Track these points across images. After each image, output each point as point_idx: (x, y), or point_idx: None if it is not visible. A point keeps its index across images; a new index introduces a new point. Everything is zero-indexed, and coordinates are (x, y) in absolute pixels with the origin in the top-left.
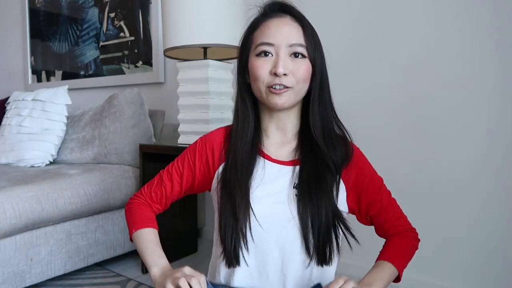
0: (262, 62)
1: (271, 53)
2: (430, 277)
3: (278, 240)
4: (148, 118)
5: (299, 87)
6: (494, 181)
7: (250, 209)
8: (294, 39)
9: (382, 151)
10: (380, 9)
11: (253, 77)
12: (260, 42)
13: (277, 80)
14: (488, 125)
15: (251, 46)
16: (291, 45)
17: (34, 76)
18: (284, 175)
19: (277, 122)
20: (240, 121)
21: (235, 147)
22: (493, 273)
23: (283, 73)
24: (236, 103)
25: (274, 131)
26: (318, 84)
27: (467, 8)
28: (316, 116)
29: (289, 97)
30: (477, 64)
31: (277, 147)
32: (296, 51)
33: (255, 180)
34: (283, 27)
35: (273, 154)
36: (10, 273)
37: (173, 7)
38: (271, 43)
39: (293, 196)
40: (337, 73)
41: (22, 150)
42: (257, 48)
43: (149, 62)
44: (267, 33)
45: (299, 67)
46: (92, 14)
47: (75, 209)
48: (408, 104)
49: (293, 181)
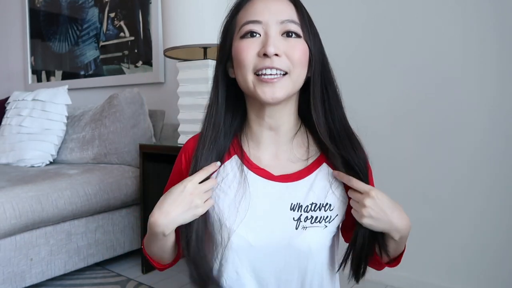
0: (248, 44)
1: (258, 33)
2: (430, 277)
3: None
4: (148, 118)
5: (297, 73)
6: (494, 181)
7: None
8: (286, 15)
9: (383, 151)
10: (383, 16)
11: (237, 63)
12: (245, 21)
13: (267, 62)
14: (489, 126)
15: (235, 29)
16: (282, 22)
17: (34, 76)
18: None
19: (269, 121)
20: (206, 122)
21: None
22: (494, 273)
23: (274, 53)
24: (208, 102)
25: (265, 133)
26: (318, 73)
27: (471, 13)
28: (318, 111)
29: (284, 85)
30: (480, 67)
31: (270, 156)
32: (289, 29)
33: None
34: (271, 3)
35: (266, 165)
36: (10, 273)
37: (173, 7)
38: (258, 20)
39: (291, 220)
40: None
41: (22, 150)
42: (242, 29)
43: (149, 62)
44: (253, 11)
45: (293, 47)
46: (92, 14)
47: (75, 209)
48: (411, 106)
49: (290, 202)
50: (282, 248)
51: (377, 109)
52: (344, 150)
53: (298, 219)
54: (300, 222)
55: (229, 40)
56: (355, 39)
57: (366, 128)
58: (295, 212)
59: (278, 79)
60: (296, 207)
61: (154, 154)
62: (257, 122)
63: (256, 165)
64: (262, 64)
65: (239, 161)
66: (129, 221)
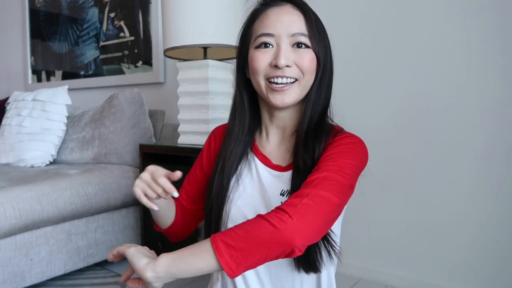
0: (262, 54)
1: (271, 45)
2: (430, 277)
3: None
4: (148, 118)
5: (306, 79)
6: (496, 183)
7: (230, 218)
8: (296, 28)
9: (383, 151)
10: (384, 17)
11: (252, 70)
12: (260, 33)
13: (278, 72)
14: (493, 129)
15: (251, 38)
16: (293, 35)
17: (34, 76)
18: (273, 179)
19: (277, 121)
20: (237, 121)
21: (225, 150)
22: (494, 273)
23: (285, 65)
24: (233, 101)
25: (273, 129)
26: (319, 79)
27: (473, 14)
28: (307, 114)
29: (293, 91)
30: (482, 70)
31: (274, 148)
32: (299, 41)
33: (243, 180)
34: (283, 15)
35: (269, 155)
36: (10, 273)
37: (173, 7)
38: (271, 34)
39: (279, 203)
40: (340, 77)
41: (22, 150)
42: (257, 40)
43: (149, 62)
44: (267, 23)
45: (303, 57)
46: (92, 14)
47: (75, 209)
48: (413, 108)
49: (281, 188)
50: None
51: (379, 111)
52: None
53: None
54: None
55: (245, 47)
56: (355, 40)
57: (368, 130)
58: (284, 197)
59: (288, 86)
60: (285, 193)
61: (154, 154)
62: (268, 119)
63: (260, 152)
64: (273, 73)
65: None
66: (129, 221)
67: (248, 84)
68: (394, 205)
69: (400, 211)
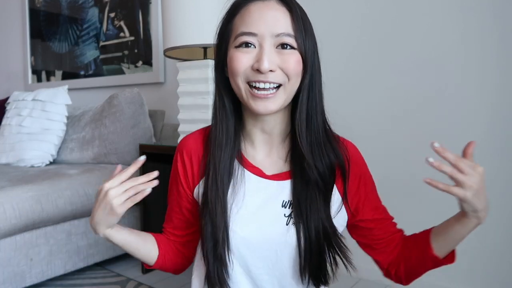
0: (242, 54)
1: (253, 45)
2: (430, 277)
3: (266, 265)
4: (148, 118)
5: (292, 84)
6: (494, 181)
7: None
8: (281, 27)
9: (382, 151)
10: (381, 16)
11: (231, 72)
12: (241, 31)
13: (261, 77)
14: (489, 126)
15: (230, 35)
16: (278, 35)
17: (34, 76)
18: (271, 191)
19: (262, 125)
20: (219, 126)
21: (214, 159)
22: (494, 273)
23: (269, 69)
24: (214, 104)
25: (258, 134)
26: (308, 81)
27: (471, 13)
28: (302, 119)
29: (277, 98)
30: (480, 68)
31: (264, 157)
32: (284, 42)
33: (238, 196)
34: (267, 12)
35: (261, 165)
36: (10, 273)
37: (173, 7)
38: (253, 33)
39: (282, 216)
40: (341, 77)
41: (22, 150)
42: (237, 39)
43: (149, 62)
44: (248, 20)
45: (288, 60)
46: (92, 14)
47: (75, 209)
48: (410, 106)
49: (282, 199)
50: (274, 244)
51: (376, 110)
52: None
53: (289, 216)
54: (291, 218)
55: (224, 45)
56: (353, 39)
57: (365, 129)
58: (286, 209)
59: (272, 94)
60: (287, 204)
61: (154, 154)
62: (252, 123)
63: (250, 163)
64: (255, 77)
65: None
66: (129, 221)
67: (229, 85)
68: (394, 205)
69: (399, 210)
